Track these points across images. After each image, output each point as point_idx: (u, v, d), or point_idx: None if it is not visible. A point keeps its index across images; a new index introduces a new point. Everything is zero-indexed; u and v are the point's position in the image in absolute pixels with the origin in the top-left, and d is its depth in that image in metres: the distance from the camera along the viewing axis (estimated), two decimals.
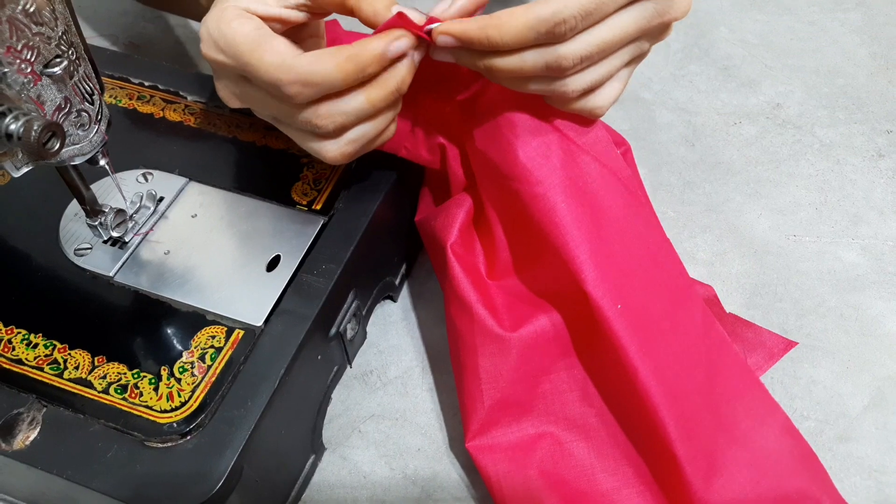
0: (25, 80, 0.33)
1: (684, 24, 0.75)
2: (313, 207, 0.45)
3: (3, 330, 0.39)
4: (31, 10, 0.32)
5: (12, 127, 0.29)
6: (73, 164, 0.37)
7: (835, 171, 0.62)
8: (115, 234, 0.41)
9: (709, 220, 0.59)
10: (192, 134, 0.49)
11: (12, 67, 0.32)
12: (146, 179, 0.46)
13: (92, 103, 0.36)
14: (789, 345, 0.50)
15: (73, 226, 0.43)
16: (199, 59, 0.72)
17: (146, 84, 0.52)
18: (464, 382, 0.44)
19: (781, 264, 0.56)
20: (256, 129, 0.49)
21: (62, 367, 0.38)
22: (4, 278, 0.41)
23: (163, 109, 0.50)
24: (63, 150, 0.34)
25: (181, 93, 0.51)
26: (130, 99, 0.51)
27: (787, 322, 0.52)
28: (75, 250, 0.42)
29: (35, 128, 0.28)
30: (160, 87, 0.52)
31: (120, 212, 0.41)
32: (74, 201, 0.44)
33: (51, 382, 0.37)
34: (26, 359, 0.38)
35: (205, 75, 0.53)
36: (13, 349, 0.38)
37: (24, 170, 0.35)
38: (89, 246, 0.42)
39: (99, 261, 0.42)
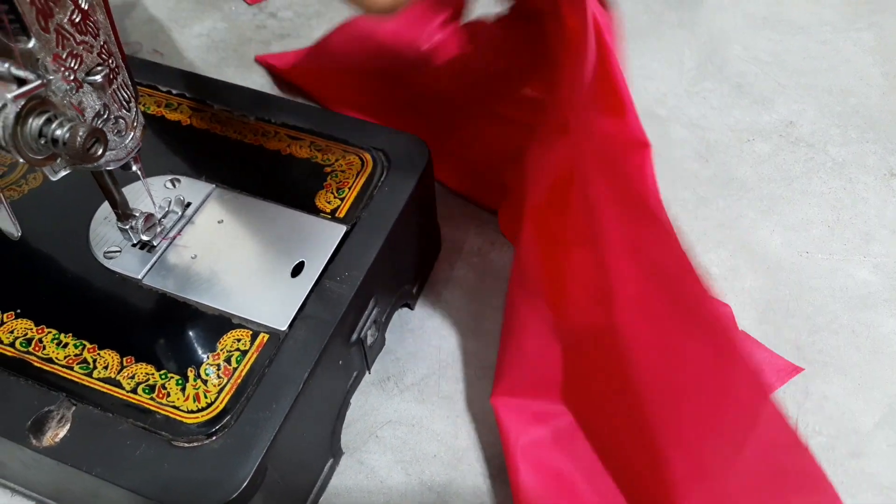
0: (68, 87, 0.34)
1: (698, 42, 0.76)
2: (336, 215, 0.46)
3: (35, 329, 0.40)
4: (77, 20, 0.33)
5: (58, 132, 0.30)
6: (107, 168, 0.38)
7: (847, 189, 0.63)
8: (144, 238, 0.42)
9: (722, 236, 0.59)
10: (218, 141, 0.50)
11: (57, 75, 0.33)
12: (174, 185, 0.47)
13: (129, 110, 0.37)
14: (795, 370, 0.51)
15: (103, 229, 0.44)
16: (223, 68, 0.73)
17: (174, 92, 0.53)
18: (509, 344, 0.46)
19: (794, 281, 0.56)
20: (281, 139, 0.50)
21: (91, 366, 0.39)
22: (36, 279, 0.42)
23: (190, 117, 0.51)
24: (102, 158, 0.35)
25: (208, 101, 0.52)
26: (159, 106, 0.52)
27: (800, 338, 0.53)
28: (105, 253, 0.43)
29: (80, 133, 0.29)
30: (188, 95, 0.53)
31: (149, 216, 0.42)
32: (104, 205, 0.45)
33: (80, 381, 0.38)
34: (57, 358, 0.39)
35: (231, 84, 0.54)
36: (44, 348, 0.39)
37: (63, 173, 0.36)
38: (118, 249, 0.43)
39: (128, 263, 0.43)
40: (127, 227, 0.41)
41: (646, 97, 0.71)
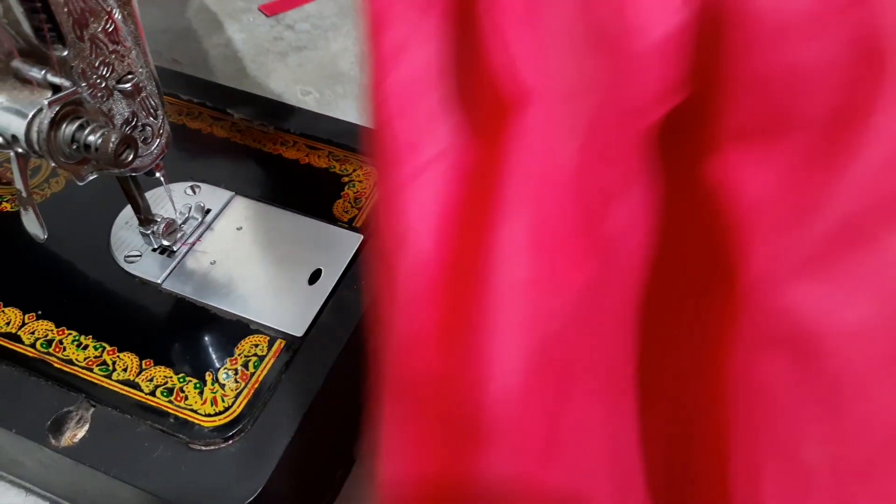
0: (100, 95, 0.35)
1: None
2: (354, 224, 0.47)
3: (56, 331, 0.41)
4: (110, 29, 0.34)
5: (90, 138, 0.31)
6: (133, 174, 0.38)
7: None
8: (164, 243, 0.43)
9: None
10: (238, 150, 0.51)
11: (89, 82, 0.34)
12: (194, 192, 0.48)
13: (155, 118, 0.38)
14: None
15: (124, 233, 0.45)
16: (240, 78, 0.74)
17: (195, 101, 0.54)
18: None
19: None
20: (300, 148, 0.51)
21: (111, 368, 0.39)
22: (57, 281, 0.43)
23: (211, 126, 0.52)
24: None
25: (228, 110, 0.53)
26: (180, 115, 0.53)
27: None
28: (125, 257, 0.44)
29: (113, 140, 0.30)
30: (208, 104, 0.54)
31: (171, 222, 0.43)
32: (126, 210, 0.46)
33: (99, 383, 0.39)
34: (76, 359, 0.39)
35: (252, 94, 0.55)
36: (64, 350, 0.40)
37: (90, 178, 0.36)
38: (139, 253, 0.44)
39: (148, 268, 0.43)
40: (148, 231, 0.42)
41: None
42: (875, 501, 0.25)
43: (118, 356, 0.40)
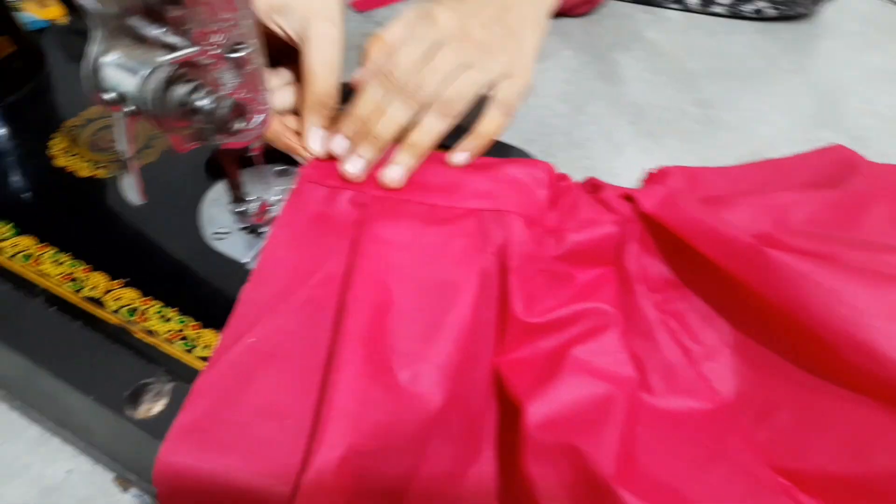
0: (211, 62, 0.34)
1: (814, 90, 0.73)
2: None
3: (141, 300, 0.40)
4: None
5: (203, 102, 0.30)
6: (234, 148, 0.37)
7: None
8: (255, 222, 0.42)
9: None
10: None
11: (203, 47, 0.33)
12: (284, 175, 0.47)
13: (260, 93, 0.37)
14: None
15: (214, 210, 0.44)
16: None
17: None
18: None
19: None
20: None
21: (193, 343, 0.38)
22: (145, 251, 0.43)
23: None
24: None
25: None
26: None
27: None
28: (213, 233, 0.43)
29: (227, 105, 0.29)
30: None
31: (264, 202, 0.42)
32: (217, 186, 0.45)
33: (180, 358, 0.38)
34: (159, 331, 0.39)
35: (348, 83, 0.54)
36: (147, 320, 0.39)
37: (191, 146, 0.36)
38: (227, 231, 0.43)
39: (235, 246, 0.43)
40: (240, 210, 0.41)
41: (756, 141, 0.68)
42: None
43: (200, 332, 0.39)
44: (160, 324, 0.39)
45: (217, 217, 0.44)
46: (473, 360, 0.37)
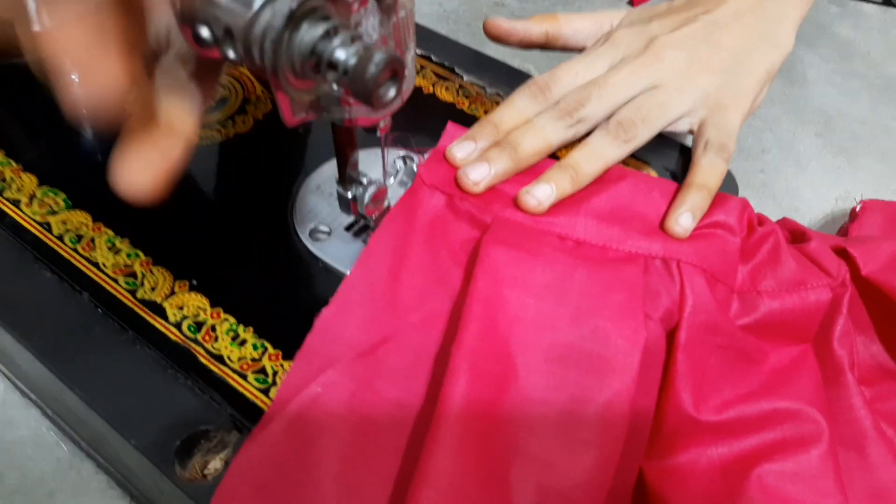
0: (350, 2, 0.23)
1: None
2: None
3: (209, 311, 0.30)
4: None
5: (341, 53, 0.19)
6: (359, 125, 0.27)
7: None
8: (366, 214, 0.32)
9: None
10: (463, 120, 0.39)
11: None
12: (405, 164, 0.37)
13: (405, 55, 0.27)
14: None
15: (314, 200, 0.35)
16: (480, 36, 0.63)
17: (418, 52, 0.43)
18: None
19: None
20: None
21: (271, 380, 0.29)
22: (221, 246, 0.33)
23: (434, 85, 0.41)
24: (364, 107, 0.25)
25: (457, 70, 0.42)
26: None
27: None
28: (311, 232, 0.33)
29: (376, 60, 0.19)
30: (433, 58, 0.43)
31: (382, 188, 0.31)
32: (322, 169, 0.35)
33: (253, 398, 0.28)
34: (229, 357, 0.29)
35: (484, 55, 0.44)
36: (216, 339, 0.30)
37: (300, 117, 0.26)
38: (328, 230, 0.33)
39: (336, 251, 0.33)
40: (349, 194, 0.31)
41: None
42: None
43: (282, 364, 0.29)
44: (231, 347, 0.29)
45: (317, 209, 0.34)
46: (621, 473, 0.26)
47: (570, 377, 0.27)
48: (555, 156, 0.34)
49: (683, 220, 0.32)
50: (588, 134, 0.35)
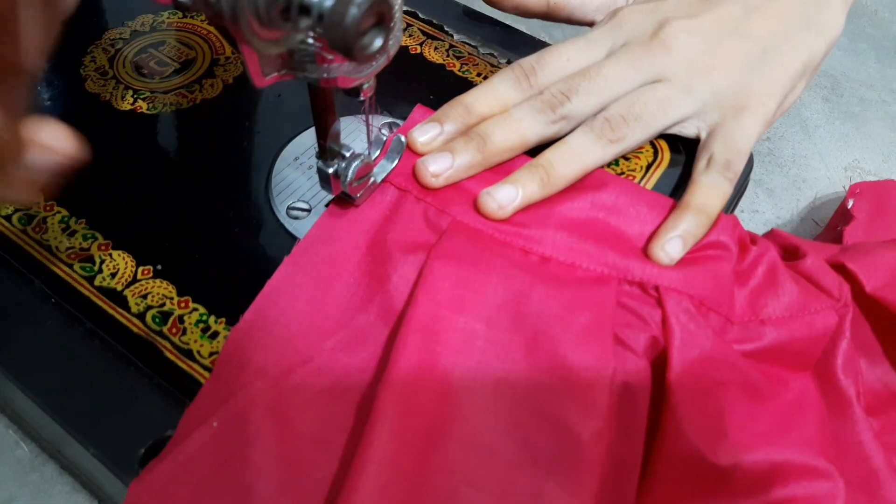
0: None
1: None
2: None
3: (176, 301, 0.27)
4: None
5: None
6: (339, 86, 0.24)
7: None
8: (349, 192, 0.28)
9: None
10: (453, 83, 0.36)
11: None
12: (391, 130, 0.33)
13: (392, 8, 0.23)
14: None
15: (292, 174, 0.31)
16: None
17: (403, 8, 0.39)
18: None
19: None
20: None
21: None
22: (188, 225, 0.30)
23: (421, 44, 0.38)
24: (345, 65, 0.21)
25: (446, 28, 0.39)
26: None
27: None
28: (289, 209, 0.30)
29: (357, 2, 0.16)
30: (420, 15, 0.39)
31: (366, 164, 0.28)
32: (299, 139, 0.32)
33: None
34: (199, 352, 0.26)
35: (476, 12, 0.40)
36: (183, 332, 0.26)
37: (272, 78, 0.22)
38: (307, 207, 0.30)
39: None
40: (330, 169, 0.27)
41: None
42: None
43: None
44: (201, 341, 0.26)
45: (295, 184, 0.31)
46: None
47: (523, 418, 0.23)
48: None
49: (671, 246, 0.27)
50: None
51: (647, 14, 0.32)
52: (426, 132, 0.29)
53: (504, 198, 0.28)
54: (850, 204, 0.37)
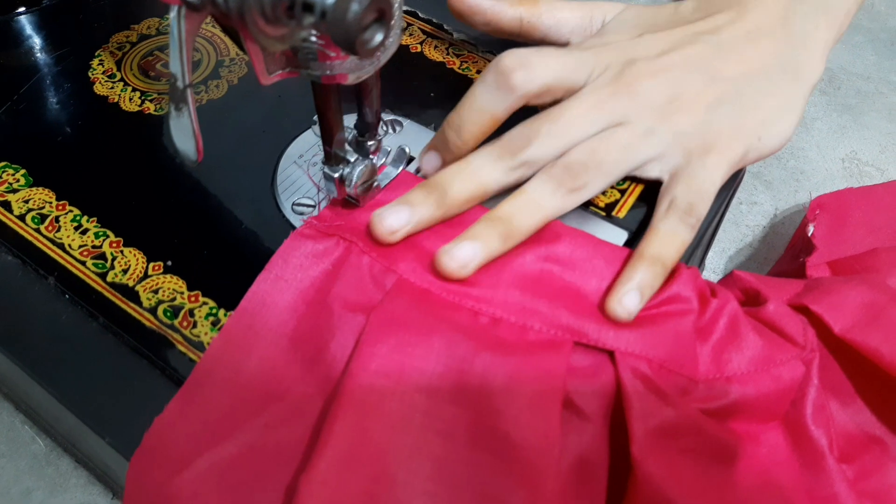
0: None
1: None
2: (613, 214, 0.31)
3: (187, 295, 0.28)
4: None
5: None
6: (342, 82, 0.25)
7: None
8: (354, 196, 0.29)
9: None
10: (454, 81, 0.37)
11: None
12: (394, 129, 0.34)
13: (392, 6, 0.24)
14: None
15: (296, 172, 0.32)
16: None
17: (403, 8, 0.40)
18: None
19: None
20: None
21: None
22: (197, 222, 0.31)
23: (421, 43, 0.38)
24: (347, 62, 0.22)
25: (446, 27, 0.39)
26: None
27: None
28: (294, 205, 0.31)
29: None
30: (420, 14, 0.40)
31: (372, 167, 0.29)
32: (304, 136, 0.33)
33: None
34: (209, 344, 0.27)
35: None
36: (194, 325, 0.27)
37: (276, 76, 0.23)
38: (312, 203, 0.31)
39: None
40: (336, 174, 0.28)
41: None
42: None
43: None
44: (211, 333, 0.27)
45: (300, 182, 0.32)
46: None
47: (465, 503, 0.22)
48: None
49: (628, 300, 0.26)
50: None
51: (616, 51, 0.31)
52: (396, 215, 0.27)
53: (464, 256, 0.26)
54: (810, 231, 0.37)
